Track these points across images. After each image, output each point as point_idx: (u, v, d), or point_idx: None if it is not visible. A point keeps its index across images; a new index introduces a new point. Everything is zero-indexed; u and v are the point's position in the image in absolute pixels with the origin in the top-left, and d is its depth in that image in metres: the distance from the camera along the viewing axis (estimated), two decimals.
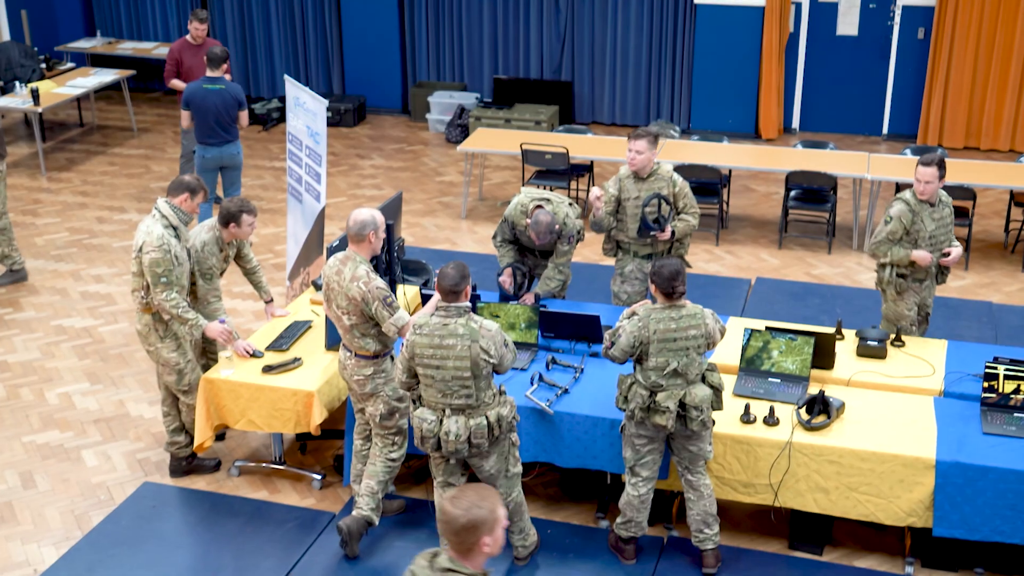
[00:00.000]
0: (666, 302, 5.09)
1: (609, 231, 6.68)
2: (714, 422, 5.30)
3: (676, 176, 6.59)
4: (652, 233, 6.51)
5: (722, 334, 5.21)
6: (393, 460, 5.54)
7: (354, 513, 5.51)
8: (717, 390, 5.19)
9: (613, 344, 5.14)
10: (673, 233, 6.55)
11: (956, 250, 6.31)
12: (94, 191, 10.73)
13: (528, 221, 6.41)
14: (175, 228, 5.85)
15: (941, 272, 6.48)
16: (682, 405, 5.08)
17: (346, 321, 5.32)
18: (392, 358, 5.49)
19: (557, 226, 6.37)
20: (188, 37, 9.79)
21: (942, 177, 6.14)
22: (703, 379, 5.17)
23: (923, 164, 6.09)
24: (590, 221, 6.61)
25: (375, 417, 5.46)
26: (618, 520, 5.47)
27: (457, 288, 4.90)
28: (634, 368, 5.21)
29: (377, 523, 5.54)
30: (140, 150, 11.92)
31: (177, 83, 9.80)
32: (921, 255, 6.21)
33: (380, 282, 5.26)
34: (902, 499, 5.25)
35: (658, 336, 5.03)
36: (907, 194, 6.23)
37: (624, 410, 5.22)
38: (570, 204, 6.55)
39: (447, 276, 4.89)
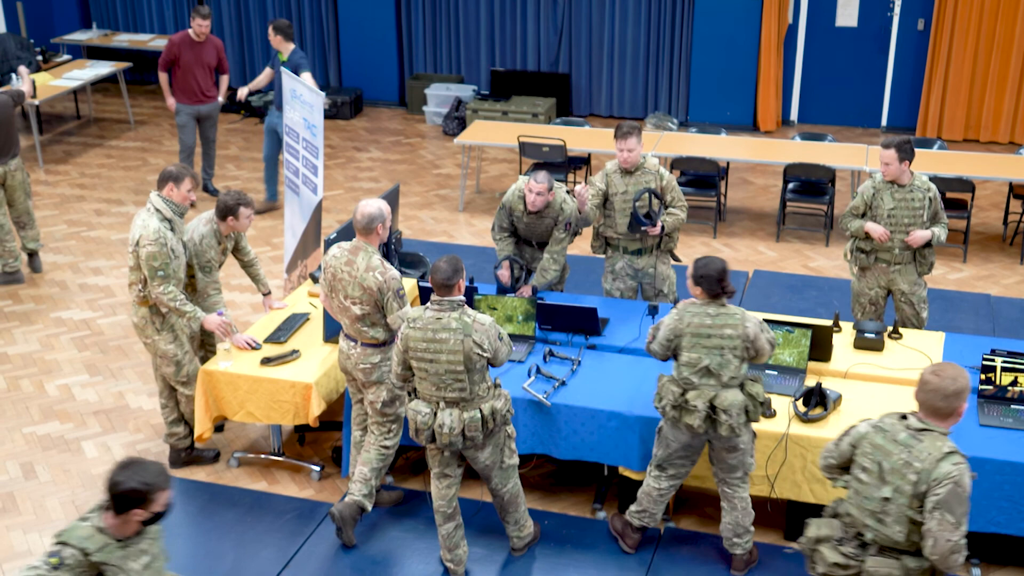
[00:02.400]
0: (708, 300, 5.01)
1: (597, 228, 6.66)
2: (755, 435, 5.21)
3: (663, 170, 6.55)
4: (643, 228, 6.50)
5: (772, 345, 5.03)
6: (387, 448, 5.55)
7: (347, 499, 5.52)
8: (754, 399, 5.03)
9: (654, 338, 5.11)
10: (663, 227, 6.54)
11: (919, 232, 6.35)
12: (91, 184, 10.73)
13: (526, 190, 6.32)
14: (170, 221, 5.85)
15: (920, 259, 6.52)
16: (712, 408, 5.01)
17: (357, 311, 5.32)
18: None
19: (552, 192, 6.31)
20: (191, 32, 9.75)
21: (903, 160, 6.27)
22: (742, 387, 5.05)
23: (883, 146, 6.34)
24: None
25: (376, 404, 5.47)
26: (632, 508, 5.44)
27: (450, 282, 4.89)
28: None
29: (370, 509, 5.55)
30: (137, 143, 11.91)
31: (163, 78, 9.78)
32: (874, 227, 6.40)
33: (395, 273, 5.29)
34: None
35: (691, 329, 4.97)
36: (877, 174, 6.50)
37: (658, 408, 5.16)
38: (568, 192, 6.55)
39: (440, 270, 4.88)
